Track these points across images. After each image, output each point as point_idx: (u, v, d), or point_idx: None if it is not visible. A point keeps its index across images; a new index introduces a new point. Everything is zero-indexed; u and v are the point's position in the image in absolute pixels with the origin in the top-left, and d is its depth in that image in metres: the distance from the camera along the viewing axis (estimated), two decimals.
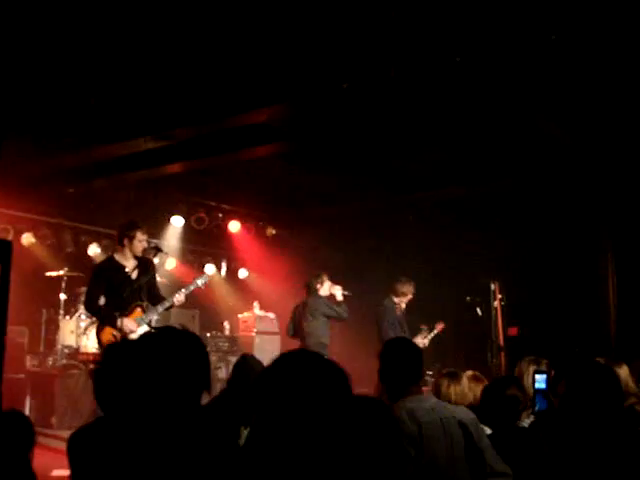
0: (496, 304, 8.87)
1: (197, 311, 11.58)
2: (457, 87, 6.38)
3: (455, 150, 8.52)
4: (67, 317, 9.92)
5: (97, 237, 10.84)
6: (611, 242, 9.40)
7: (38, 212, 10.29)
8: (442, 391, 4.49)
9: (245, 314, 11.52)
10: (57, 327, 9.81)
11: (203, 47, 6.09)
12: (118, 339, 6.43)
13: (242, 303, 12.04)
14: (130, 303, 6.76)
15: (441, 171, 9.27)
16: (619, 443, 2.77)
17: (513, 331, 9.04)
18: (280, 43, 5.93)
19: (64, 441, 2.85)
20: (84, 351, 9.62)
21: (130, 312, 6.74)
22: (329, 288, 8.82)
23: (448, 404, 3.95)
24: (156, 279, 7.23)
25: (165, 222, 11.18)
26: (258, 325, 11.22)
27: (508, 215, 9.82)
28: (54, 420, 8.58)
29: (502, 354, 8.79)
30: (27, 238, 10.23)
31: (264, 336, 11.13)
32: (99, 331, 6.73)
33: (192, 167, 9.12)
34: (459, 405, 4.19)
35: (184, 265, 11.79)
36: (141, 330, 6.63)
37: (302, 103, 6.90)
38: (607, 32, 5.42)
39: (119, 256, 6.88)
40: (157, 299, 6.99)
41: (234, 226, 11.77)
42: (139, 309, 6.81)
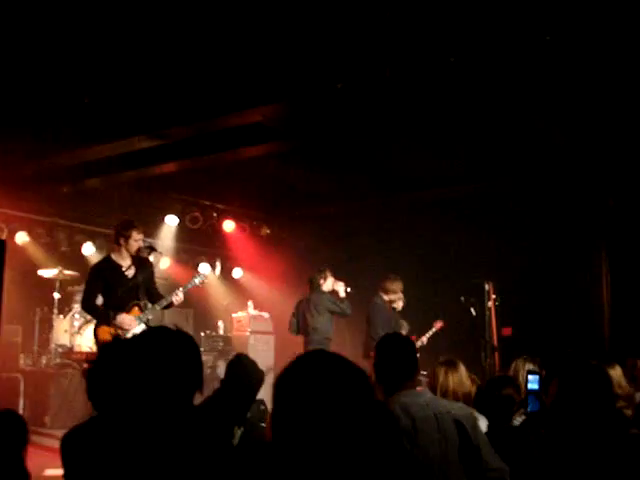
0: (490, 304, 8.88)
1: (191, 310, 11.59)
2: (451, 87, 6.39)
3: (449, 150, 8.53)
4: (61, 316, 9.92)
5: (91, 236, 10.83)
6: (605, 242, 9.42)
7: (32, 211, 10.27)
8: (440, 380, 4.45)
9: (239, 314, 11.49)
10: (51, 326, 9.79)
11: (198, 46, 6.09)
12: (119, 336, 6.44)
13: (236, 303, 12.02)
14: (127, 302, 6.78)
15: (436, 171, 9.27)
16: (608, 445, 2.77)
17: (507, 331, 9.04)
18: (275, 43, 5.94)
19: (58, 440, 2.85)
20: (78, 350, 9.62)
21: (128, 311, 6.76)
22: (332, 284, 8.81)
23: (443, 400, 3.95)
24: (154, 277, 7.24)
25: (159, 221, 11.17)
26: (252, 325, 11.20)
27: (502, 215, 9.83)
28: (48, 419, 8.57)
29: (496, 354, 8.80)
30: (21, 237, 10.23)
31: (258, 336, 11.11)
32: (96, 330, 6.74)
33: (186, 166, 9.11)
34: (457, 399, 4.20)
35: (178, 264, 11.77)
36: (138, 329, 6.65)
37: (297, 103, 6.91)
38: (601, 32, 5.44)
39: (116, 255, 6.90)
40: (155, 297, 7.00)
41: (228, 225, 11.76)
42: (136, 308, 6.83)
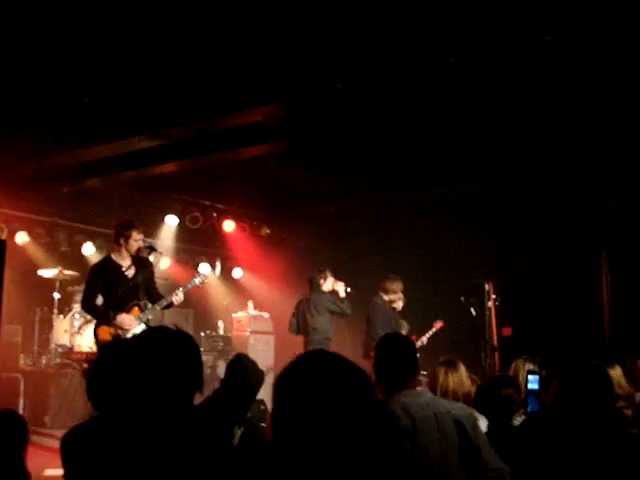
0: (490, 304, 8.88)
1: (191, 310, 11.59)
2: (451, 87, 6.39)
3: (449, 150, 8.53)
4: (61, 316, 9.91)
5: (91, 236, 10.82)
6: (605, 242, 9.41)
7: (32, 211, 10.27)
8: (440, 380, 4.45)
9: (239, 314, 11.49)
10: (51, 326, 9.79)
11: (198, 46, 6.09)
12: (119, 336, 6.44)
13: (236, 303, 12.02)
14: (127, 302, 6.78)
15: (436, 171, 9.27)
16: (608, 445, 2.77)
17: (507, 331, 9.04)
18: (275, 43, 5.94)
19: (58, 440, 2.85)
20: (78, 350, 9.61)
21: (128, 311, 6.76)
22: (332, 284, 8.81)
23: (443, 400, 3.94)
24: (154, 277, 7.24)
25: (159, 221, 11.17)
26: (252, 325, 11.19)
27: (502, 215, 9.83)
28: (47, 419, 8.57)
29: (496, 354, 8.80)
30: (21, 237, 10.23)
31: (258, 336, 11.11)
32: (96, 330, 6.74)
33: (186, 166, 9.10)
34: (457, 399, 4.20)
35: (178, 264, 11.77)
36: (138, 329, 6.65)
37: (297, 103, 6.91)
38: (601, 32, 5.44)
39: (116, 255, 6.90)
40: (155, 297, 6.99)
41: (228, 225, 11.75)
42: (136, 308, 6.83)
